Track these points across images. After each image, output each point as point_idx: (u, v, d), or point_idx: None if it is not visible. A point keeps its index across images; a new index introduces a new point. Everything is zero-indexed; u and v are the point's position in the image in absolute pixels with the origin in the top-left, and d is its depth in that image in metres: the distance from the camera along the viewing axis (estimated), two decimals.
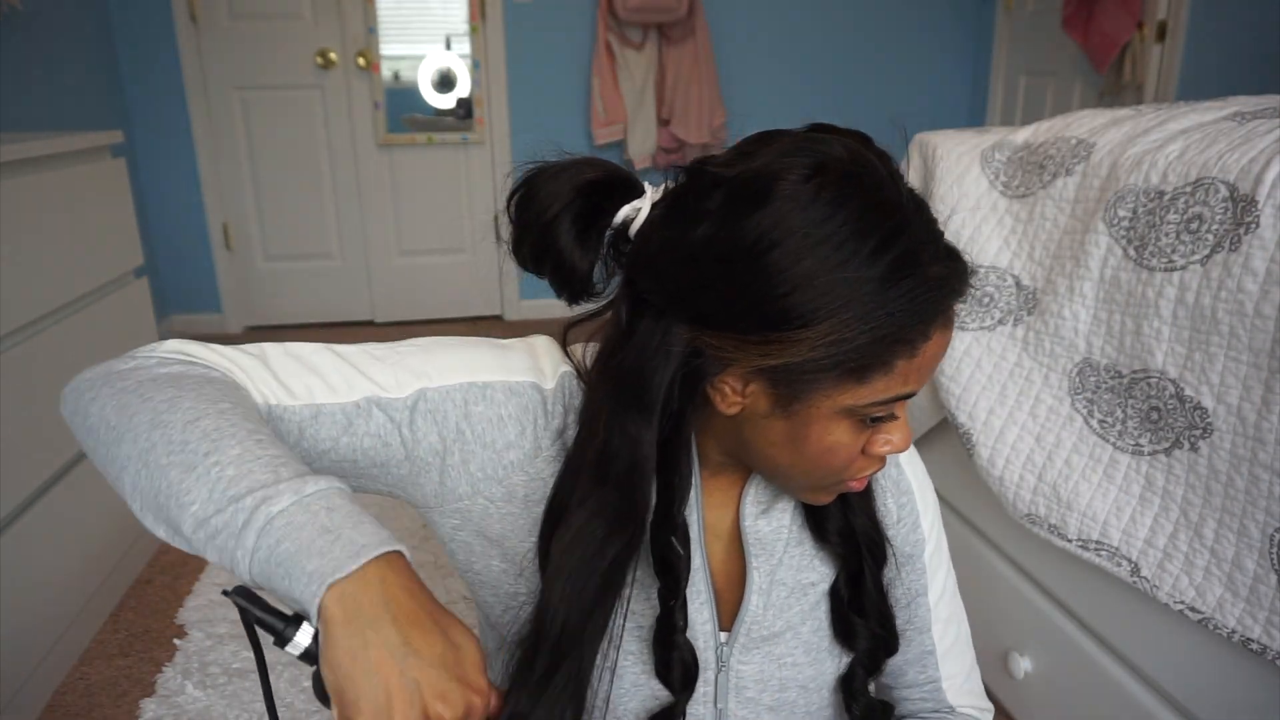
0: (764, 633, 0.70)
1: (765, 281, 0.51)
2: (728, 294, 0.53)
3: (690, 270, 0.54)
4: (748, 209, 0.52)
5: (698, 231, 0.54)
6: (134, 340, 1.90)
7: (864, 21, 3.69)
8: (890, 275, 0.51)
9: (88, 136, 1.73)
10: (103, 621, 1.69)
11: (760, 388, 0.56)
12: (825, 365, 0.53)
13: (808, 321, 0.51)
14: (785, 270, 0.51)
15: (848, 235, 0.51)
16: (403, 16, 3.48)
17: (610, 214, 0.59)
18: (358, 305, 3.72)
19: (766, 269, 0.51)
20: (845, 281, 0.51)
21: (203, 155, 3.45)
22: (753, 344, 0.53)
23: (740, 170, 0.54)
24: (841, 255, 0.51)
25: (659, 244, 0.56)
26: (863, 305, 0.51)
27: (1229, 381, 0.91)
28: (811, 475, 0.61)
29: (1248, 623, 0.89)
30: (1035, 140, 1.32)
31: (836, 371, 0.53)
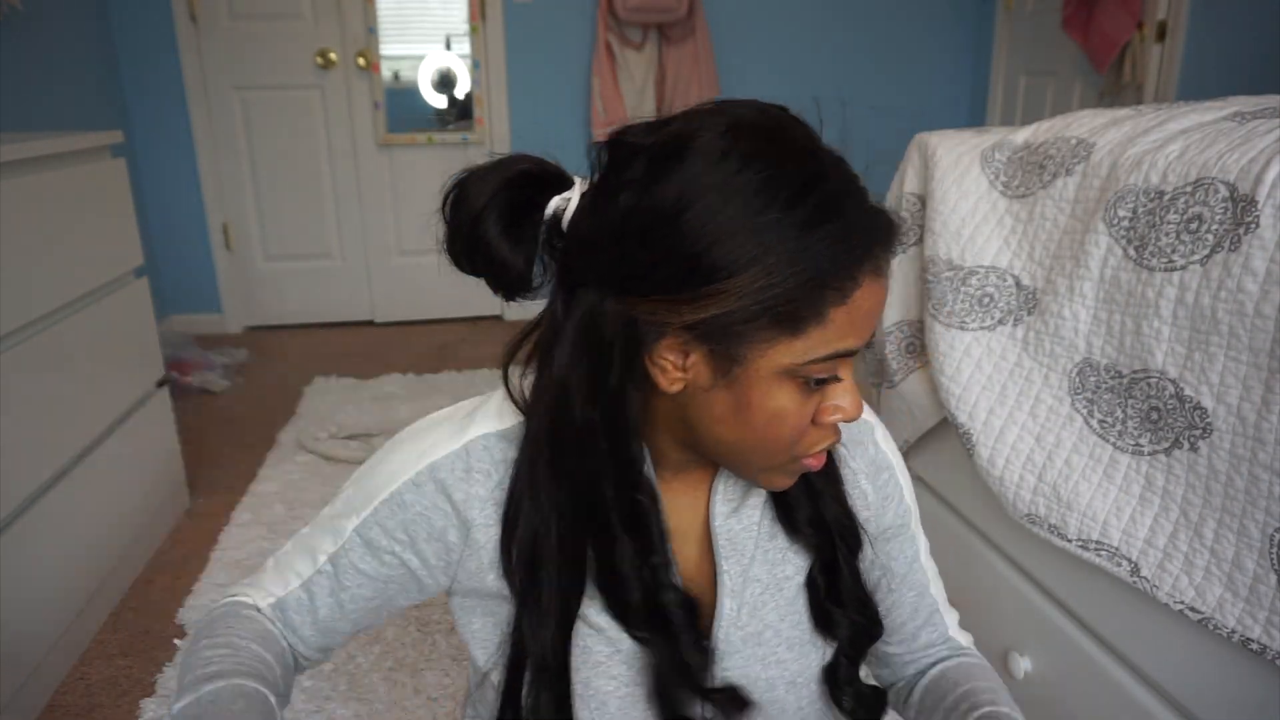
0: (742, 634, 0.69)
1: (687, 238, 0.52)
2: (653, 257, 0.54)
3: (616, 241, 0.55)
4: (665, 171, 0.53)
5: (620, 201, 0.55)
6: (134, 340, 1.90)
7: (864, 22, 3.69)
8: (811, 220, 0.52)
9: (88, 136, 1.73)
10: (103, 621, 1.69)
11: (700, 357, 0.56)
12: (755, 313, 0.53)
13: (732, 271, 0.52)
14: (705, 224, 0.52)
15: (763, 184, 0.52)
16: (403, 16, 3.48)
17: (538, 208, 0.59)
18: (358, 305, 3.72)
19: (687, 225, 0.52)
20: (765, 226, 0.52)
21: (203, 155, 3.45)
22: (683, 302, 0.53)
23: (656, 137, 0.55)
24: (759, 203, 0.52)
25: (587, 225, 0.57)
26: (785, 250, 0.52)
27: (1229, 381, 0.91)
28: (762, 451, 0.59)
29: (1248, 623, 0.89)
30: (1035, 140, 1.32)
31: (767, 320, 0.53)
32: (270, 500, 2.15)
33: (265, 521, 2.05)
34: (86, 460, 1.65)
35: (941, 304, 1.34)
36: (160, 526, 1.99)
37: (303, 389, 2.93)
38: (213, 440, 2.54)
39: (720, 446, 0.60)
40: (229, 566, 1.86)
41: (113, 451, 1.75)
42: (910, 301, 1.51)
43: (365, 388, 2.92)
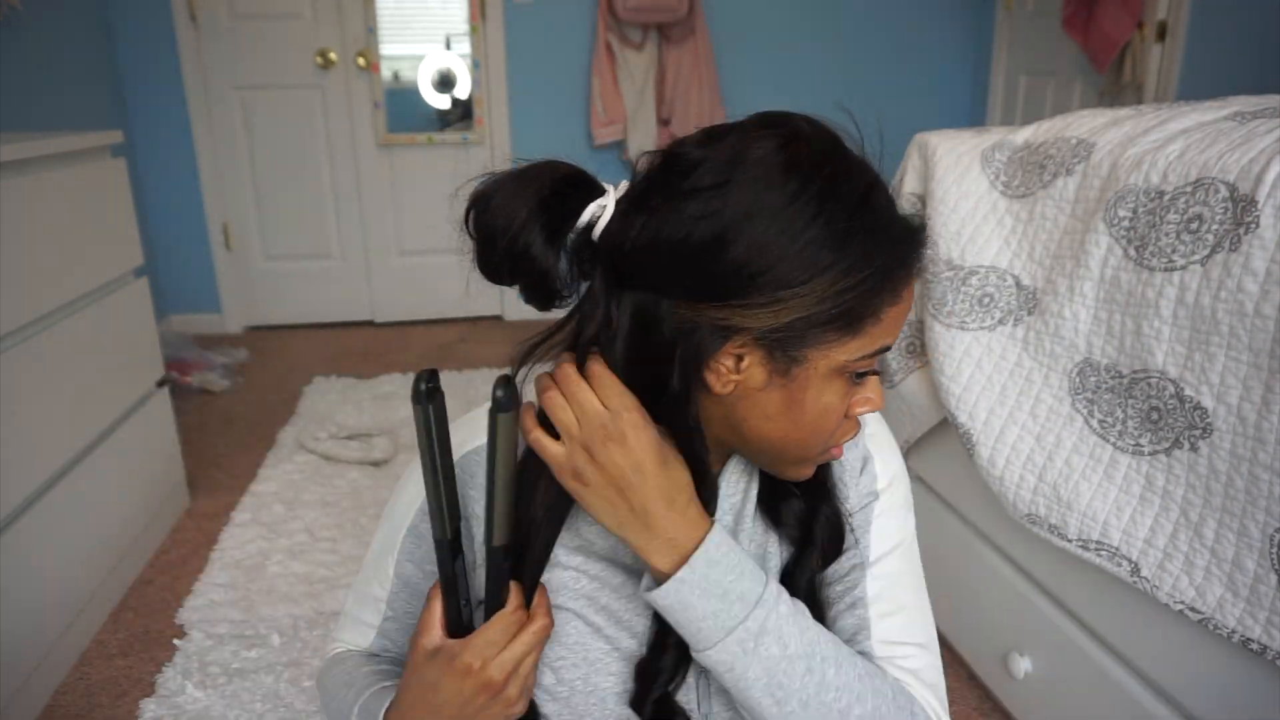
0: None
1: (761, 247, 0.54)
2: (729, 264, 0.54)
3: (685, 249, 0.55)
4: (732, 181, 0.55)
5: (687, 209, 0.55)
6: (134, 340, 1.90)
7: (864, 21, 3.69)
8: (873, 225, 0.56)
9: (88, 136, 1.73)
10: (103, 621, 1.69)
11: (757, 358, 0.57)
12: (826, 318, 0.55)
13: (806, 279, 0.54)
14: (778, 234, 0.54)
15: (828, 193, 0.55)
16: (403, 16, 3.48)
17: (575, 215, 0.59)
18: (358, 305, 3.72)
19: (760, 235, 0.54)
20: (835, 235, 0.54)
21: (203, 155, 3.45)
22: (759, 306, 0.55)
23: (717, 148, 0.57)
24: (828, 212, 0.54)
25: (644, 231, 0.57)
26: (854, 255, 0.55)
27: (1229, 381, 0.91)
28: (805, 444, 0.62)
29: (1248, 623, 0.89)
30: (1035, 140, 1.32)
31: (837, 324, 0.56)
32: (270, 500, 2.15)
33: (265, 521, 2.05)
34: (86, 460, 1.65)
35: (941, 304, 1.34)
36: (160, 526, 1.99)
37: (303, 389, 2.93)
38: (213, 440, 2.54)
39: (764, 443, 0.62)
40: (229, 566, 1.86)
41: (113, 451, 1.75)
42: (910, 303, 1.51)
43: (365, 388, 2.92)
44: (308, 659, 1.56)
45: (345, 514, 2.08)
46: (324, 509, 2.11)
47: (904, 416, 1.50)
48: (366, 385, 2.95)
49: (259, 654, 1.58)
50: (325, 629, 1.65)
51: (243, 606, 1.72)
